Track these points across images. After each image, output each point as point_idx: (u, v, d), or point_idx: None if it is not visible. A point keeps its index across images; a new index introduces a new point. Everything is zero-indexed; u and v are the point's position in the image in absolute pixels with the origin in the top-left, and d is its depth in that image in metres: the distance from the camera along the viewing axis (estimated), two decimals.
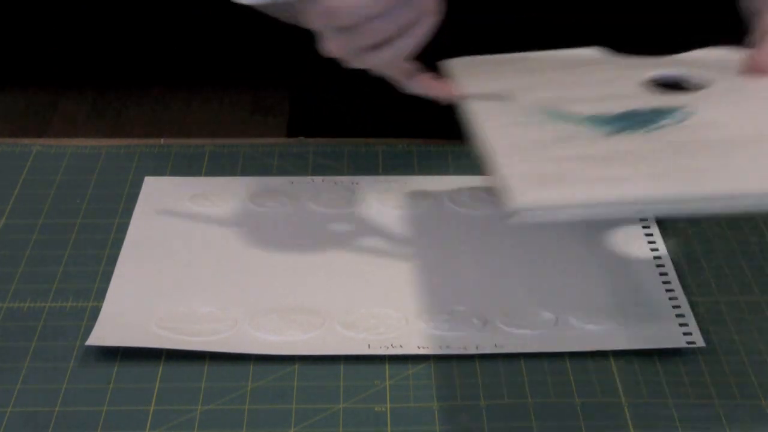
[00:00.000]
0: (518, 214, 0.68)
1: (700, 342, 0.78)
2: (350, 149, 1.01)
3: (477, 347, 0.79)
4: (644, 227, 0.91)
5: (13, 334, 0.81)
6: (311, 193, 0.95)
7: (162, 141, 1.03)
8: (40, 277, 0.86)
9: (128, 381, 0.77)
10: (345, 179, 0.97)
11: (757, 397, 0.75)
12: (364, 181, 0.96)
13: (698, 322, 0.80)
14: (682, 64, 0.86)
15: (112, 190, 0.96)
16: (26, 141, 1.03)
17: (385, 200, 0.94)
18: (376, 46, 0.78)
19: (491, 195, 0.86)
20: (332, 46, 0.78)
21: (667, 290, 0.84)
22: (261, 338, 0.79)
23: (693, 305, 0.82)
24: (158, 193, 0.95)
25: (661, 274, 0.85)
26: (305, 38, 1.02)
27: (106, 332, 0.79)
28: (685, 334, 0.79)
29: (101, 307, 0.82)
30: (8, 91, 2.74)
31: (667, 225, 0.90)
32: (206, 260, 0.87)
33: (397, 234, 0.91)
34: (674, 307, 0.82)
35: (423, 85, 0.82)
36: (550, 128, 0.77)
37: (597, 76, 0.86)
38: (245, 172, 0.98)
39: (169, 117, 2.61)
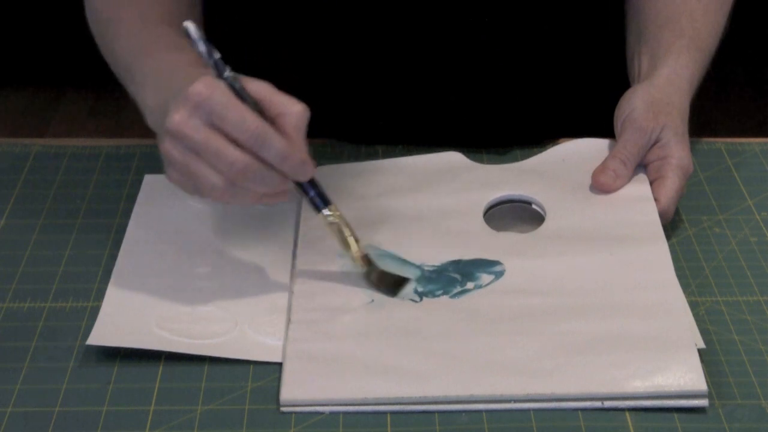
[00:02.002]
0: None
1: (700, 342, 0.78)
2: (350, 149, 1.01)
3: None
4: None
5: (13, 334, 0.81)
6: None
7: None
8: (40, 277, 0.86)
9: (128, 381, 0.77)
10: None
11: (757, 397, 0.75)
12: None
13: (698, 322, 0.80)
14: (532, 176, 0.93)
15: (112, 190, 0.96)
16: (26, 141, 1.03)
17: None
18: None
19: None
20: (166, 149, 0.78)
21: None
22: (261, 341, 0.79)
23: (693, 305, 0.82)
24: (158, 191, 0.95)
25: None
26: (304, 38, 1.03)
27: (106, 332, 0.79)
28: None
29: (101, 307, 0.82)
30: (8, 91, 2.74)
31: (668, 225, 0.89)
32: (206, 259, 0.87)
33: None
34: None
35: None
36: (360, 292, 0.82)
37: (444, 201, 0.91)
38: None
39: None
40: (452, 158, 0.97)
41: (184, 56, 0.86)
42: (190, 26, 0.76)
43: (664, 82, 0.93)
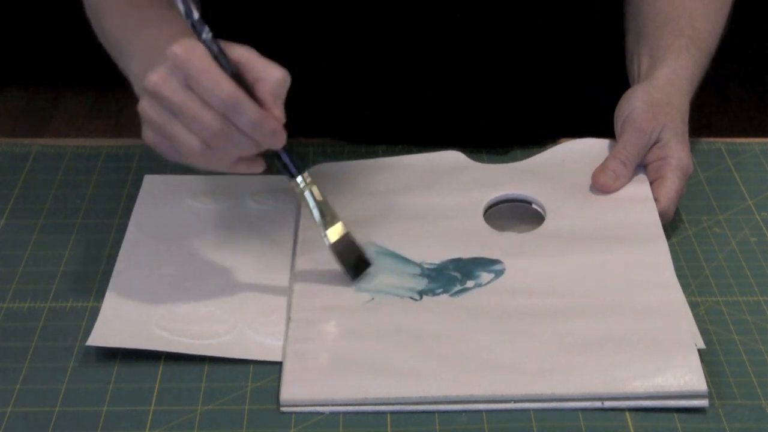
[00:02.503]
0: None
1: (700, 342, 0.78)
2: (350, 149, 1.01)
3: None
4: None
5: (13, 334, 0.81)
6: None
7: None
8: (40, 277, 0.86)
9: (128, 381, 0.77)
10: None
11: (757, 397, 0.75)
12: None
13: (698, 322, 0.80)
14: (534, 175, 0.93)
15: (112, 190, 0.96)
16: (26, 141, 1.03)
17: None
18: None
19: None
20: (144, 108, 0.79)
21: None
22: (261, 341, 0.79)
23: (693, 305, 0.82)
24: (158, 191, 0.95)
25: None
26: (304, 38, 1.03)
27: (106, 332, 0.79)
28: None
29: (101, 307, 0.82)
30: (8, 91, 2.73)
31: (668, 225, 0.89)
32: (206, 259, 0.87)
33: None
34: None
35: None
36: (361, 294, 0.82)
37: (444, 201, 0.91)
38: None
39: None
40: (453, 157, 0.97)
41: (171, 28, 0.86)
42: None
43: (663, 82, 0.93)
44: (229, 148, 0.77)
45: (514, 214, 0.91)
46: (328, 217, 0.82)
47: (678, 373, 0.74)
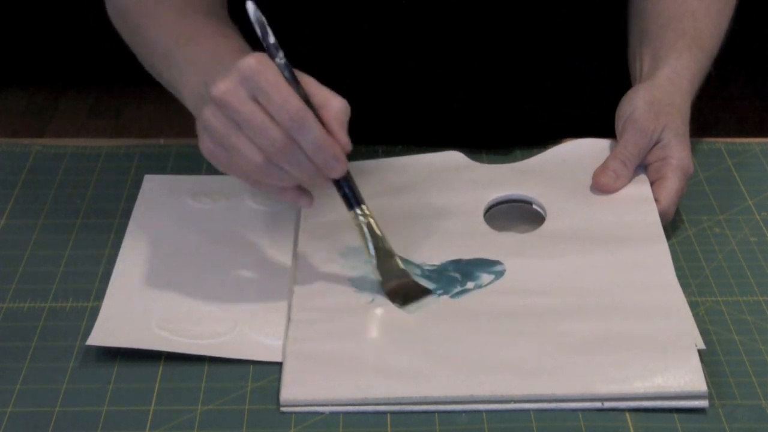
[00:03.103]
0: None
1: (700, 343, 0.78)
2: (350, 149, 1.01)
3: None
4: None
5: (13, 334, 0.81)
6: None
7: (162, 141, 1.02)
8: (40, 277, 0.86)
9: (128, 381, 0.77)
10: None
11: (757, 397, 0.75)
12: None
13: (698, 322, 0.80)
14: (534, 175, 0.94)
15: (112, 190, 0.96)
16: (26, 141, 1.03)
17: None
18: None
19: None
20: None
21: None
22: (261, 341, 0.79)
23: (693, 305, 0.82)
24: (158, 191, 0.95)
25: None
26: (304, 39, 1.03)
27: (106, 332, 0.79)
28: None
29: (101, 307, 0.82)
30: (8, 91, 2.74)
31: (668, 225, 0.89)
32: (206, 259, 0.87)
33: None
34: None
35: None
36: (360, 295, 0.82)
37: (444, 201, 0.91)
38: None
39: (169, 117, 2.61)
40: (453, 158, 0.97)
41: (230, 43, 0.86)
42: (251, 6, 0.76)
43: (665, 82, 0.93)
44: (288, 168, 0.76)
45: (515, 214, 0.91)
46: (383, 252, 0.82)
47: (678, 373, 0.74)
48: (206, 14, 0.93)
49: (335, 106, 0.77)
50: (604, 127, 0.96)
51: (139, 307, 0.82)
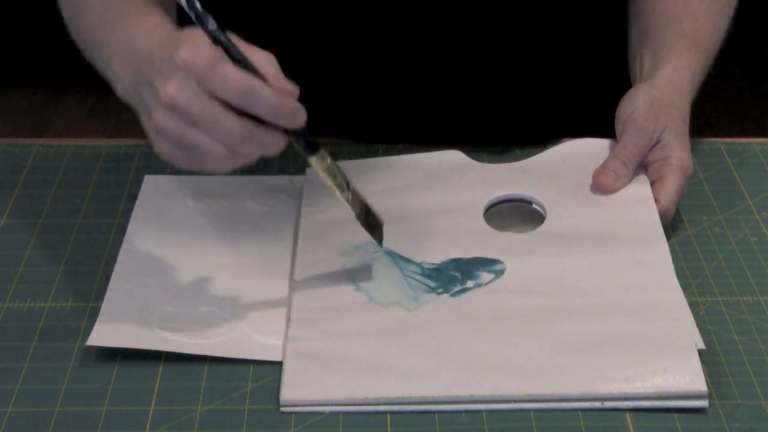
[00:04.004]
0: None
1: (700, 343, 0.78)
2: (350, 148, 1.01)
3: None
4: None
5: (13, 334, 0.81)
6: None
7: None
8: (40, 277, 0.86)
9: (128, 381, 0.77)
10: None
11: (757, 397, 0.75)
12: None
13: (698, 322, 0.80)
14: (534, 175, 0.94)
15: (112, 190, 0.96)
16: (26, 141, 1.03)
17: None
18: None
19: None
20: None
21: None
22: (261, 341, 0.79)
23: (693, 305, 0.82)
24: (158, 191, 0.95)
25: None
26: (303, 38, 1.03)
27: (106, 332, 0.79)
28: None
29: (101, 307, 0.82)
30: (8, 91, 2.74)
31: (668, 225, 0.89)
32: (206, 259, 0.87)
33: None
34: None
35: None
36: (360, 295, 0.82)
37: (444, 200, 0.91)
38: (246, 172, 0.98)
39: None
40: (453, 157, 0.97)
41: (150, 20, 0.85)
42: None
43: (665, 82, 0.93)
44: (255, 149, 0.76)
45: (515, 213, 0.91)
46: (346, 186, 0.81)
47: (678, 373, 0.74)
48: None
49: (263, 57, 0.75)
50: (604, 127, 0.96)
51: (139, 307, 0.82)
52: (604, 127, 0.96)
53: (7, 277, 0.86)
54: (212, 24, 0.74)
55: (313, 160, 0.79)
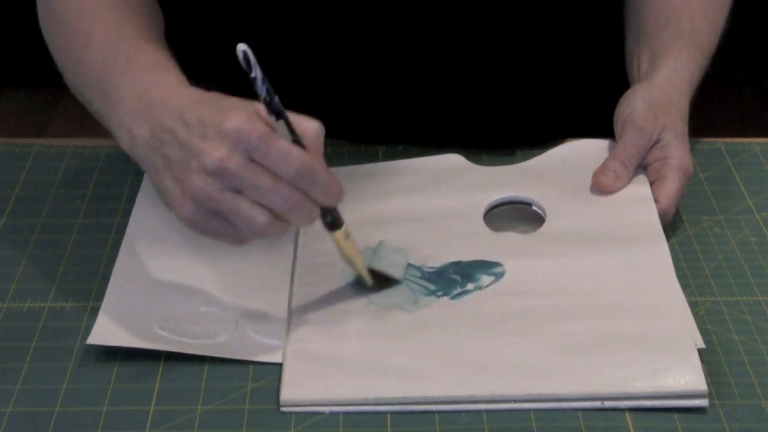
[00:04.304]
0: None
1: (700, 342, 0.78)
2: (350, 149, 1.01)
3: None
4: None
5: (13, 334, 0.81)
6: None
7: None
8: (40, 277, 0.86)
9: (128, 381, 0.77)
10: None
11: (757, 397, 0.75)
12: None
13: (698, 322, 0.80)
14: (533, 177, 0.94)
15: (112, 190, 0.96)
16: (26, 141, 1.03)
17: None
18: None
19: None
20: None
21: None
22: (261, 342, 0.79)
23: (693, 305, 0.82)
24: None
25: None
26: (303, 39, 1.03)
27: (106, 332, 0.79)
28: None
29: (101, 307, 0.82)
30: (8, 91, 2.73)
31: (668, 225, 0.89)
32: (206, 259, 0.87)
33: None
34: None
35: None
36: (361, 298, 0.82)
37: (444, 203, 0.91)
38: None
39: None
40: (452, 160, 0.97)
41: (169, 76, 0.82)
42: (247, 50, 0.71)
43: (664, 81, 0.93)
44: (298, 219, 0.74)
45: (515, 215, 0.91)
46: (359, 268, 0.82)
47: (678, 373, 0.74)
48: (142, 39, 0.87)
49: (313, 129, 0.74)
50: (603, 128, 0.96)
51: (139, 307, 0.82)
52: (604, 128, 0.96)
53: (7, 277, 0.86)
54: (278, 102, 0.72)
55: (338, 234, 0.79)
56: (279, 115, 0.73)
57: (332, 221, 0.78)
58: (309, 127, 0.74)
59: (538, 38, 1.03)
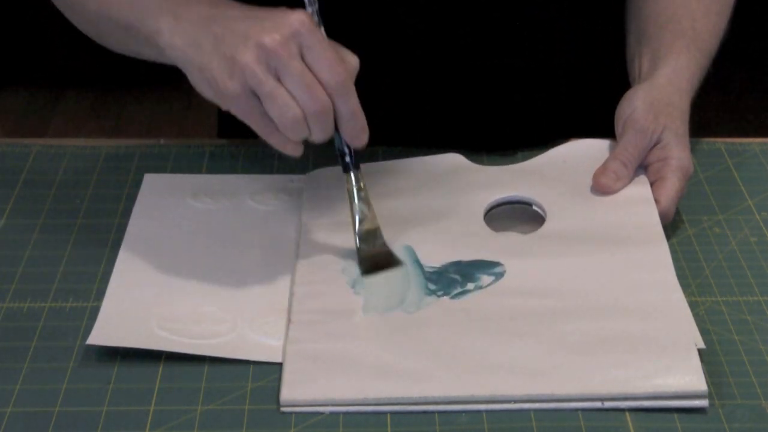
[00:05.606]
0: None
1: (700, 342, 0.78)
2: None
3: None
4: None
5: (13, 334, 0.81)
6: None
7: (162, 141, 1.02)
8: (40, 277, 0.86)
9: (128, 381, 0.77)
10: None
11: (757, 397, 0.75)
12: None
13: (698, 322, 0.80)
14: (534, 177, 0.94)
15: (112, 190, 0.96)
16: (26, 141, 1.03)
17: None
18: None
19: None
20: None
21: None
22: (261, 342, 0.79)
23: (693, 305, 0.82)
24: (158, 190, 0.95)
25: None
26: None
27: (106, 332, 0.79)
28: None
29: (101, 307, 0.82)
30: (8, 91, 2.74)
31: (668, 225, 0.89)
32: (206, 259, 0.87)
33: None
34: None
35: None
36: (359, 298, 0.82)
37: (445, 203, 0.91)
38: (246, 171, 0.98)
39: (169, 117, 2.61)
40: (453, 160, 0.97)
41: None
42: None
43: (664, 82, 0.93)
44: (317, 128, 0.77)
45: (515, 215, 0.91)
46: (368, 220, 0.84)
47: (678, 373, 0.74)
48: None
49: (353, 63, 0.78)
50: (604, 128, 0.96)
51: (139, 307, 0.82)
52: (605, 128, 0.96)
53: (7, 277, 0.86)
54: (316, 12, 0.78)
55: (348, 177, 0.84)
56: (320, 25, 0.79)
57: (349, 162, 0.83)
58: (349, 58, 0.78)
59: (539, 39, 1.03)
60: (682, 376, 0.74)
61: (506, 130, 1.02)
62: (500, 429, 0.72)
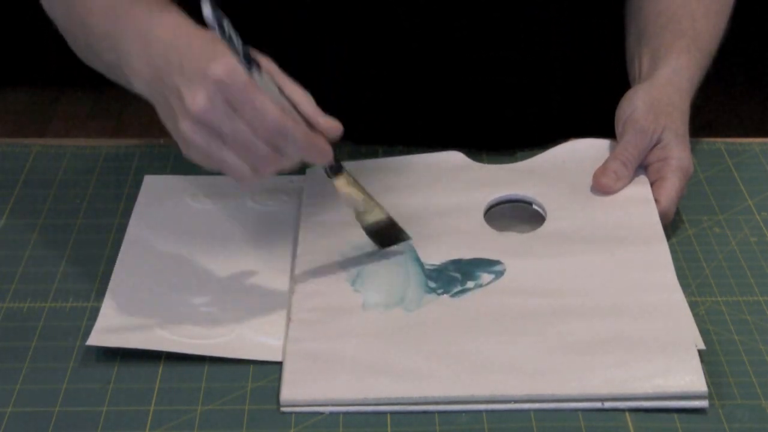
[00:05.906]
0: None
1: (700, 343, 0.78)
2: (350, 149, 1.01)
3: None
4: None
5: (13, 334, 0.81)
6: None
7: (162, 141, 1.02)
8: (40, 277, 0.86)
9: (128, 381, 0.77)
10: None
11: (757, 397, 0.75)
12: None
13: (698, 322, 0.80)
14: (534, 176, 0.94)
15: (112, 190, 0.96)
16: (26, 141, 1.03)
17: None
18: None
19: None
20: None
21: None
22: (261, 341, 0.79)
23: (693, 305, 0.82)
24: (158, 191, 0.95)
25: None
26: (303, 39, 1.03)
27: (106, 332, 0.79)
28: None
29: (101, 307, 0.82)
30: (8, 91, 2.74)
31: (668, 225, 0.89)
32: (206, 259, 0.87)
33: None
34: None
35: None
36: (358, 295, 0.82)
37: (445, 201, 0.91)
38: None
39: None
40: (453, 158, 0.97)
41: (170, 16, 0.83)
42: (208, 12, 0.73)
43: (664, 82, 0.93)
44: (278, 168, 0.77)
45: (515, 214, 0.91)
46: (369, 205, 0.84)
47: (678, 373, 0.74)
48: None
49: (302, 93, 0.78)
50: (604, 128, 0.96)
51: (139, 307, 0.82)
52: (604, 128, 0.96)
53: (7, 277, 0.86)
54: (244, 46, 0.74)
55: (338, 182, 0.83)
56: (249, 62, 0.74)
57: (330, 169, 0.82)
58: (298, 89, 0.78)
59: (539, 39, 1.03)
60: (682, 376, 0.74)
61: (506, 130, 1.02)
62: (500, 429, 0.72)
